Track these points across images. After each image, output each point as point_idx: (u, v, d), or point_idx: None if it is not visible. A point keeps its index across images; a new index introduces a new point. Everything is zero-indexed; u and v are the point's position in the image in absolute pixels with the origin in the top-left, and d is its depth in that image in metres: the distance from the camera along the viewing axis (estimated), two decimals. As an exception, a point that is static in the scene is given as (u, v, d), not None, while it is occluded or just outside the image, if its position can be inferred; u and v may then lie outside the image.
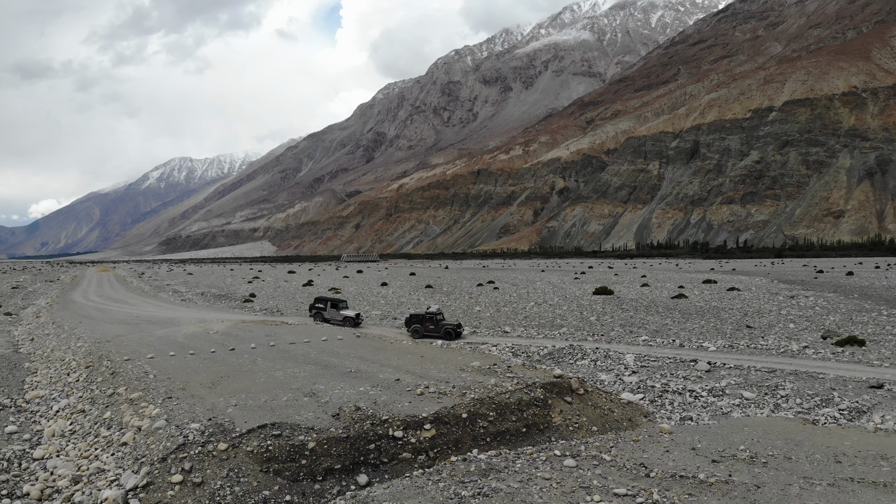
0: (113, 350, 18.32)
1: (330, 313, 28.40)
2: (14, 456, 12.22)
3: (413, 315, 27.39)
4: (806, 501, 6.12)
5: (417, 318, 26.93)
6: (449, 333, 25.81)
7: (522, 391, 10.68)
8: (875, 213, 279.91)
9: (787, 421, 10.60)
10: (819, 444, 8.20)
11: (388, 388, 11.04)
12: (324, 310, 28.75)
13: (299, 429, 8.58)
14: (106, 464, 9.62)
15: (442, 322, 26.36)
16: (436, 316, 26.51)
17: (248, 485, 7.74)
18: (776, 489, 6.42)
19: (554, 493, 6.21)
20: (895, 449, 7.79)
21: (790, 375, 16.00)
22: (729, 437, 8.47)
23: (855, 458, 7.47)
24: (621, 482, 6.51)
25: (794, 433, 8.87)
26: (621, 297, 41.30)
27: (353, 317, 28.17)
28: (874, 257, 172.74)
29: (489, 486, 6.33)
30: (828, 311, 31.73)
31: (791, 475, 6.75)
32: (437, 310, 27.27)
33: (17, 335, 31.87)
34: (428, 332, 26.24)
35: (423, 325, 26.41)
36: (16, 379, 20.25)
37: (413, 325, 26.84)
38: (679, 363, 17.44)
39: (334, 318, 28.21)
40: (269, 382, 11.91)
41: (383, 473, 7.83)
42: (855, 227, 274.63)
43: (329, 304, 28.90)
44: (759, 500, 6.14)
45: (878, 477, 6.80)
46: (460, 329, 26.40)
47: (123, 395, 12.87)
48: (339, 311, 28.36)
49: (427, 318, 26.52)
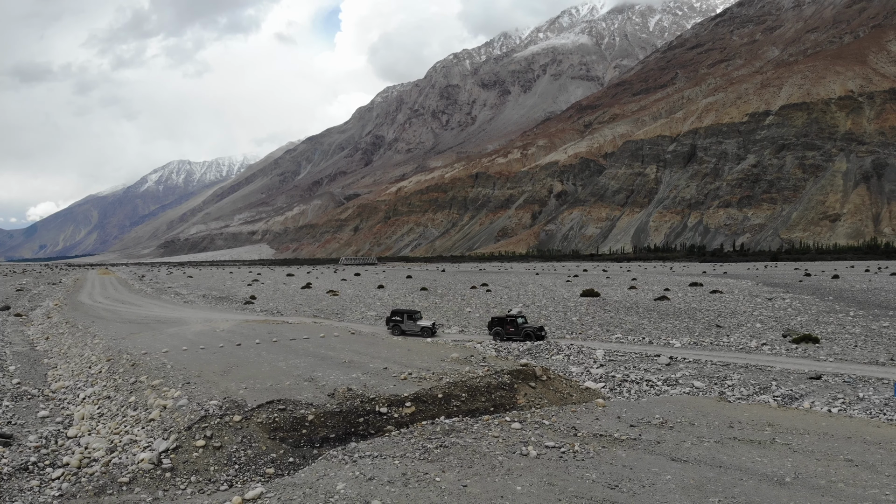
0: (129, 346, 20.06)
1: (407, 325, 28.36)
2: (51, 435, 14.01)
3: (495, 318, 27.03)
4: (692, 452, 7.93)
5: (499, 320, 26.50)
6: (529, 336, 25.10)
7: (492, 376, 12.44)
8: (871, 216, 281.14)
9: (705, 399, 12.36)
10: (723, 415, 9.96)
11: (376, 374, 12.80)
12: (401, 322, 28.67)
13: (300, 405, 10.35)
14: (137, 436, 11.37)
15: (523, 325, 25.80)
16: (516, 319, 26.04)
17: (258, 449, 9.48)
18: (672, 444, 8.22)
19: (499, 445, 8.02)
20: (786, 420, 9.54)
21: (741, 368, 17.78)
22: (650, 410, 10.23)
23: (746, 424, 9.26)
24: (553, 438, 8.33)
25: (705, 407, 10.63)
26: (607, 298, 43.11)
27: (429, 326, 28.13)
28: (869, 261, 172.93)
29: (449, 440, 8.15)
30: (799, 312, 33.52)
31: (689, 435, 8.55)
32: (519, 312, 27.08)
33: (30, 334, 33.59)
34: (509, 334, 25.67)
35: (503, 327, 25.94)
36: (38, 373, 22.02)
37: (494, 327, 26.38)
38: (644, 358, 19.25)
39: (411, 329, 28.12)
40: (274, 371, 13.68)
41: (371, 441, 9.59)
42: (851, 230, 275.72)
43: (405, 315, 28.91)
44: (654, 450, 7.95)
45: (757, 437, 8.59)
46: (542, 332, 25.55)
47: (145, 383, 14.63)
48: (415, 322, 28.40)
49: (508, 320, 26.09)
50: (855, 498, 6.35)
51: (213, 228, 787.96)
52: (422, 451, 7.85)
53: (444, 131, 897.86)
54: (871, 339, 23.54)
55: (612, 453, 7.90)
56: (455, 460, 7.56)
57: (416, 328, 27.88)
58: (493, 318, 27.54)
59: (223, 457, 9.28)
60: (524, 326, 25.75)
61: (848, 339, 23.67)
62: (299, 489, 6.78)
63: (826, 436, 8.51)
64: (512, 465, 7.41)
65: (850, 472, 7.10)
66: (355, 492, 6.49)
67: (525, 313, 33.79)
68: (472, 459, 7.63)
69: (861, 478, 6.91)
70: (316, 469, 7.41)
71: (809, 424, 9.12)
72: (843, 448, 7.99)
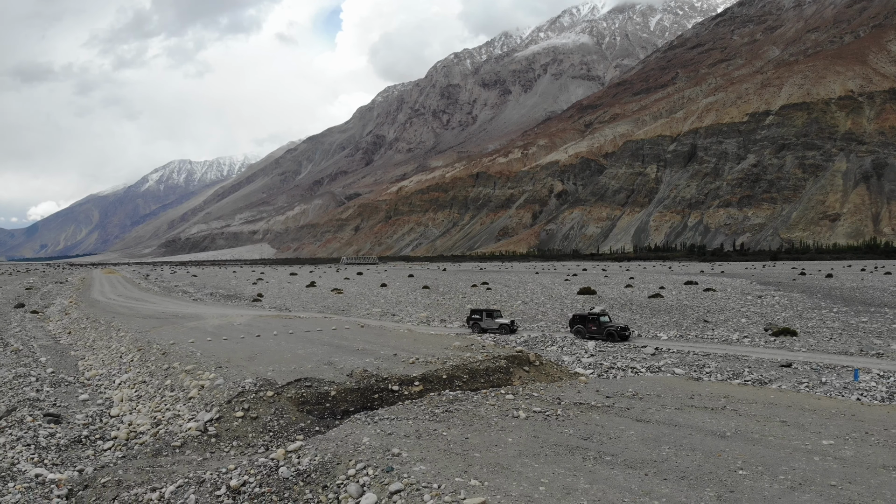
0: (156, 338, 21.66)
1: (486, 322, 28.61)
2: (95, 414, 15.61)
3: (576, 315, 26.75)
4: (654, 415, 9.49)
5: (580, 318, 26.16)
6: (612, 335, 24.33)
7: (490, 361, 14.01)
8: (870, 216, 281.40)
9: (675, 377, 13.94)
10: (687, 389, 11.51)
11: (387, 359, 14.38)
12: (480, 320, 28.86)
13: (324, 382, 11.92)
14: (180, 411, 12.94)
15: (606, 324, 25.11)
16: (599, 317, 25.42)
17: (289, 419, 11.04)
18: (639, 410, 9.81)
19: (495, 411, 9.62)
20: (741, 394, 11.09)
21: (720, 357, 19.35)
22: (626, 386, 11.80)
23: (705, 396, 10.83)
24: (540, 406, 9.93)
25: (673, 384, 12.19)
26: (603, 296, 44.68)
27: (508, 324, 28.15)
28: (868, 260, 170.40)
29: (453, 407, 9.74)
30: (785, 308, 35.07)
31: (654, 404, 10.14)
32: (601, 311, 26.30)
33: (51, 330, 35.16)
34: (591, 332, 25.17)
35: (585, 325, 25.52)
36: (68, 363, 23.61)
37: (575, 325, 26.03)
38: (631, 348, 20.83)
39: (490, 326, 28.33)
40: (295, 357, 15.25)
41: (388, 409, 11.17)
42: (850, 230, 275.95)
43: (485, 314, 29.11)
44: (623, 414, 9.54)
45: (711, 405, 10.17)
46: (627, 332, 24.71)
47: (179, 368, 16.21)
48: (494, 319, 28.55)
49: (590, 318, 25.61)
50: (779, 447, 7.90)
51: (214, 228, 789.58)
52: (430, 415, 9.42)
53: (445, 131, 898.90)
54: (847, 332, 25.08)
55: (588, 416, 9.49)
56: (458, 421, 9.14)
57: (495, 325, 28.14)
58: (574, 315, 27.07)
59: (259, 425, 10.86)
60: (607, 325, 24.99)
61: (825, 332, 25.21)
62: (332, 442, 8.31)
63: (770, 405, 10.07)
64: (505, 424, 9.00)
65: (782, 429, 8.64)
66: (378, 443, 8.04)
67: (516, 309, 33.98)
68: (472, 420, 9.21)
69: (789, 433, 8.46)
70: (344, 429, 8.95)
71: (759, 397, 10.70)
72: (781, 413, 9.54)
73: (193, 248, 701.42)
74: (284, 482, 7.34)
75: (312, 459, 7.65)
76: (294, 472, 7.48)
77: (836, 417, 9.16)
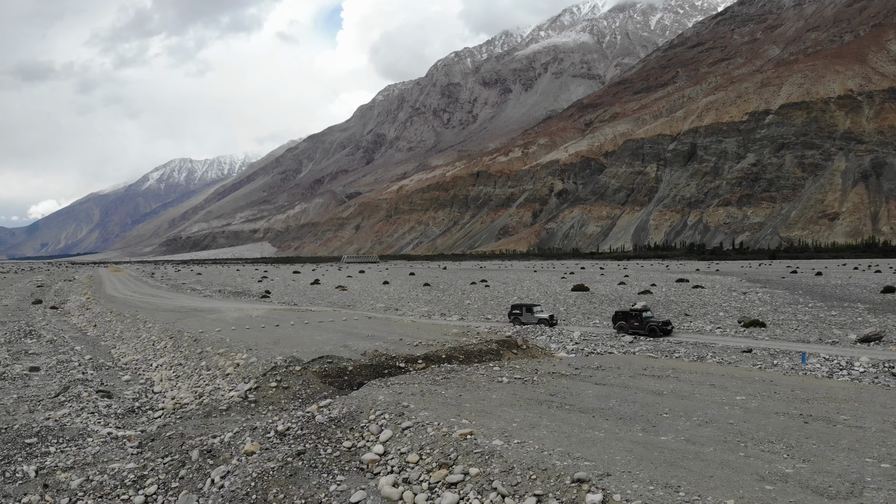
0: (184, 327, 23.96)
1: (525, 317, 29.45)
2: (141, 391, 17.95)
3: (619, 312, 27.10)
4: (610, 380, 11.75)
5: (623, 314, 26.59)
6: (654, 330, 24.80)
7: (483, 344, 16.29)
8: (869, 215, 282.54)
9: (636, 356, 16.19)
10: (644, 364, 13.75)
11: (394, 343, 16.66)
12: (520, 315, 29.74)
13: (342, 360, 14.19)
14: (219, 385, 15.22)
15: (648, 319, 25.56)
16: (642, 313, 25.85)
17: (314, 388, 13.29)
18: (599, 377, 12.10)
19: (483, 377, 11.92)
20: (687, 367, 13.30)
21: (690, 345, 21.64)
22: (594, 361, 14.06)
23: (657, 368, 13.10)
24: (520, 374, 12.23)
25: (633, 360, 14.43)
26: (595, 292, 46.98)
27: (546, 318, 28.94)
28: (865, 259, 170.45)
29: (450, 375, 12.00)
30: (764, 303, 37.32)
31: (613, 373, 12.43)
32: (644, 307, 26.65)
33: (75, 323, 37.43)
34: (633, 328, 25.58)
35: (627, 321, 25.98)
36: (102, 351, 25.92)
37: (618, 321, 26.49)
38: (612, 337, 23.12)
39: (529, 320, 29.16)
40: (314, 341, 17.54)
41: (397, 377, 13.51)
42: (849, 229, 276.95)
43: (524, 308, 30.03)
44: (586, 379, 11.80)
45: (658, 374, 12.44)
46: (669, 327, 25.26)
47: (212, 352, 18.50)
48: (533, 314, 29.45)
49: (632, 314, 26.06)
50: (701, 401, 10.15)
51: (215, 227, 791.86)
52: (432, 381, 11.66)
53: (446, 130, 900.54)
54: (814, 324, 27.35)
55: (557, 381, 11.79)
56: (454, 384, 11.40)
57: (534, 319, 29.00)
58: (617, 311, 27.41)
59: (290, 393, 13.13)
60: (649, 321, 25.48)
61: (793, 324, 27.48)
62: (355, 399, 10.54)
63: (707, 374, 12.32)
64: (491, 386, 11.28)
65: (709, 390, 10.88)
66: (391, 399, 10.28)
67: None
68: (465, 384, 11.50)
69: (713, 392, 10.73)
70: (363, 391, 11.17)
71: (702, 368, 12.95)
72: (713, 379, 11.77)
73: (194, 247, 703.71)
74: (320, 426, 9.58)
75: (341, 410, 9.90)
76: (327, 419, 9.72)
77: (756, 383, 11.39)
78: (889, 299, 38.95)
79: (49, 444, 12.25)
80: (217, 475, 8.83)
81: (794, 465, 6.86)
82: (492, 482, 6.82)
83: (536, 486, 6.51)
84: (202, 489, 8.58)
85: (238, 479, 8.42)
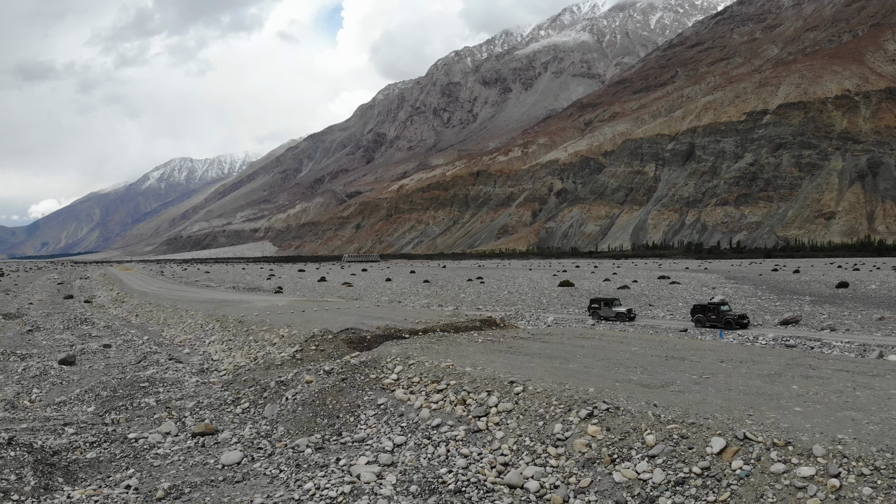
0: (224, 313, 28.83)
1: (604, 311, 29.92)
2: (203, 360, 22.85)
3: (697, 306, 27.48)
4: (554, 341, 16.60)
5: (701, 308, 26.88)
6: (730, 324, 25.18)
7: (468, 322, 21.17)
8: (865, 214, 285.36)
9: (578, 327, 20.99)
10: (585, 333, 18.48)
11: (400, 321, 21.54)
12: (599, 309, 30.28)
13: (362, 330, 19.05)
14: (270, 351, 20.11)
15: (725, 312, 25.89)
16: (719, 307, 26.10)
17: (342, 350, 18.12)
18: (546, 338, 16.99)
19: (464, 340, 16.80)
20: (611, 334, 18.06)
21: (640, 327, 26.52)
22: (550, 331, 18.89)
23: (588, 335, 17.95)
24: (491, 338, 17.11)
25: (575, 330, 19.18)
26: (579, 287, 51.94)
27: (625, 312, 29.36)
28: (859, 258, 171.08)
29: (441, 339, 16.89)
30: (725, 296, 42.19)
31: (556, 337, 17.28)
32: (721, 300, 26.82)
33: (116, 314, 42.12)
34: (710, 321, 25.87)
35: (705, 315, 26.20)
36: (153, 334, 30.70)
37: (696, 314, 26.76)
38: (578, 322, 27.99)
39: (608, 315, 29.57)
40: (337, 321, 22.40)
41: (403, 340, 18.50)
42: (846, 228, 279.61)
43: (603, 303, 30.52)
44: (536, 340, 16.61)
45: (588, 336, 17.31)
46: (745, 320, 25.64)
47: (256, 329, 23.37)
48: (611, 308, 29.87)
49: (710, 308, 26.28)
50: (608, 350, 14.90)
51: (216, 226, 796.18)
52: (428, 341, 16.45)
53: (446, 129, 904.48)
54: (755, 312, 32.20)
55: (515, 341, 16.66)
56: (444, 344, 16.20)
57: (612, 314, 29.45)
58: (695, 305, 27.72)
59: (326, 354, 18.00)
60: (726, 314, 25.74)
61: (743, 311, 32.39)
62: (374, 352, 15.26)
63: (623, 339, 17.14)
64: (469, 344, 16.12)
65: (617, 345, 15.64)
66: (399, 351, 15.08)
67: (501, 297, 40.97)
68: (451, 343, 16.34)
69: (620, 346, 15.50)
70: (380, 348, 16.01)
71: (620, 336, 17.80)
72: (625, 341, 16.51)
73: (195, 246, 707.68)
74: (354, 366, 14.40)
75: (367, 358, 14.77)
76: (358, 362, 14.57)
77: (653, 342, 16.13)
78: (838, 293, 43.78)
79: (157, 387, 17.18)
80: (290, 394, 13.72)
81: (638, 375, 11.70)
82: (463, 387, 11.70)
83: (487, 386, 11.40)
84: (281, 402, 13.48)
85: (305, 394, 13.32)
